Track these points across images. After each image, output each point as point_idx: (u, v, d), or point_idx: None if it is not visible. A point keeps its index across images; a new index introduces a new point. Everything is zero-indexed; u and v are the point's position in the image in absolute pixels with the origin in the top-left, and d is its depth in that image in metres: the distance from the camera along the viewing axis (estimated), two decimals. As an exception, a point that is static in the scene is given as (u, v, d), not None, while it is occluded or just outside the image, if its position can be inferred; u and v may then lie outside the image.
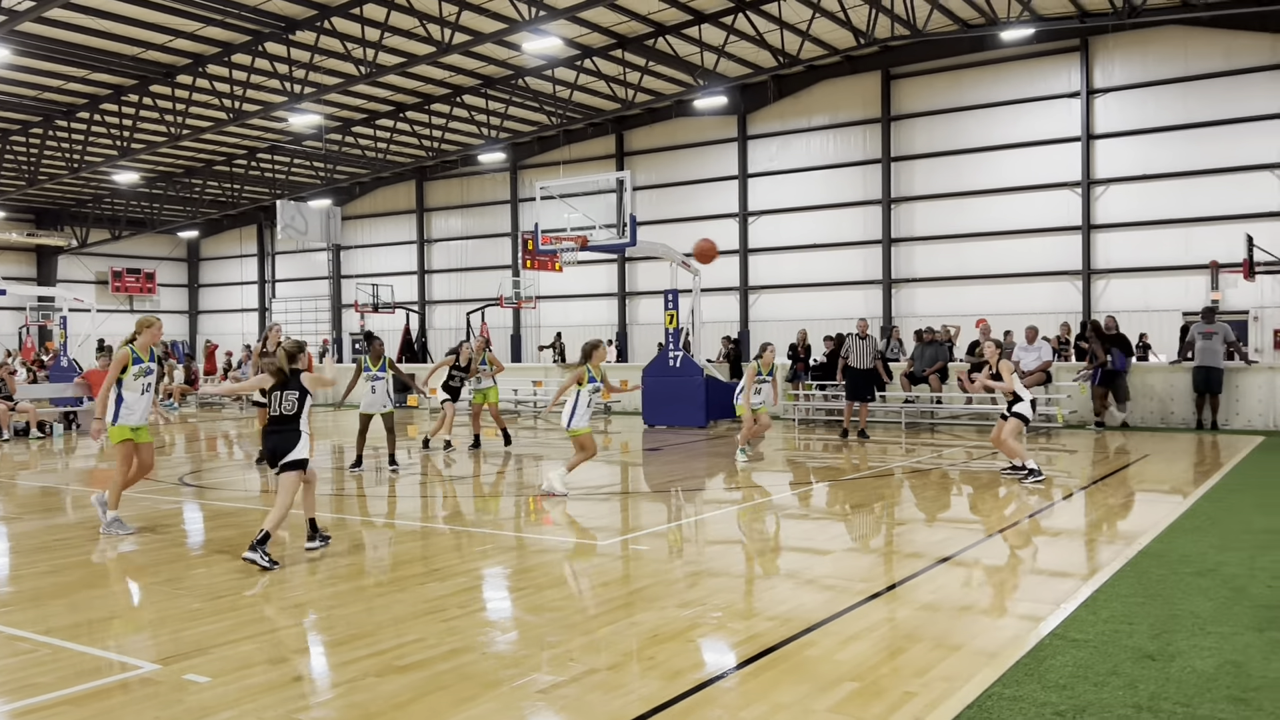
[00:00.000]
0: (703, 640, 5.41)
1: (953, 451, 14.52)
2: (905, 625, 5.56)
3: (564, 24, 23.23)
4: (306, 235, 23.27)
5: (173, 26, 22.67)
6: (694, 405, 18.74)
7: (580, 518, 9.64)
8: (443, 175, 37.96)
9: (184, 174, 37.16)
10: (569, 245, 17.45)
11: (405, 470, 12.82)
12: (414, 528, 9.24)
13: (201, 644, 5.31)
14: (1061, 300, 26.08)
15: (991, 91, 26.96)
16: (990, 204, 27.09)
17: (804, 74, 29.09)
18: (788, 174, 30.26)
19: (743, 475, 12.28)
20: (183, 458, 15.32)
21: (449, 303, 38.10)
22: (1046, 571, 6.98)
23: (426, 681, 4.71)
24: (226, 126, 27.92)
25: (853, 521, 9.27)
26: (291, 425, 7.45)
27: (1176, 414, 17.45)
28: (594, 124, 32.44)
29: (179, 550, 8.22)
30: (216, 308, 46.47)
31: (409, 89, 28.92)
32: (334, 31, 22.73)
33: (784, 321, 29.09)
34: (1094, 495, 10.39)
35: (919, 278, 28.33)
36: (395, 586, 6.61)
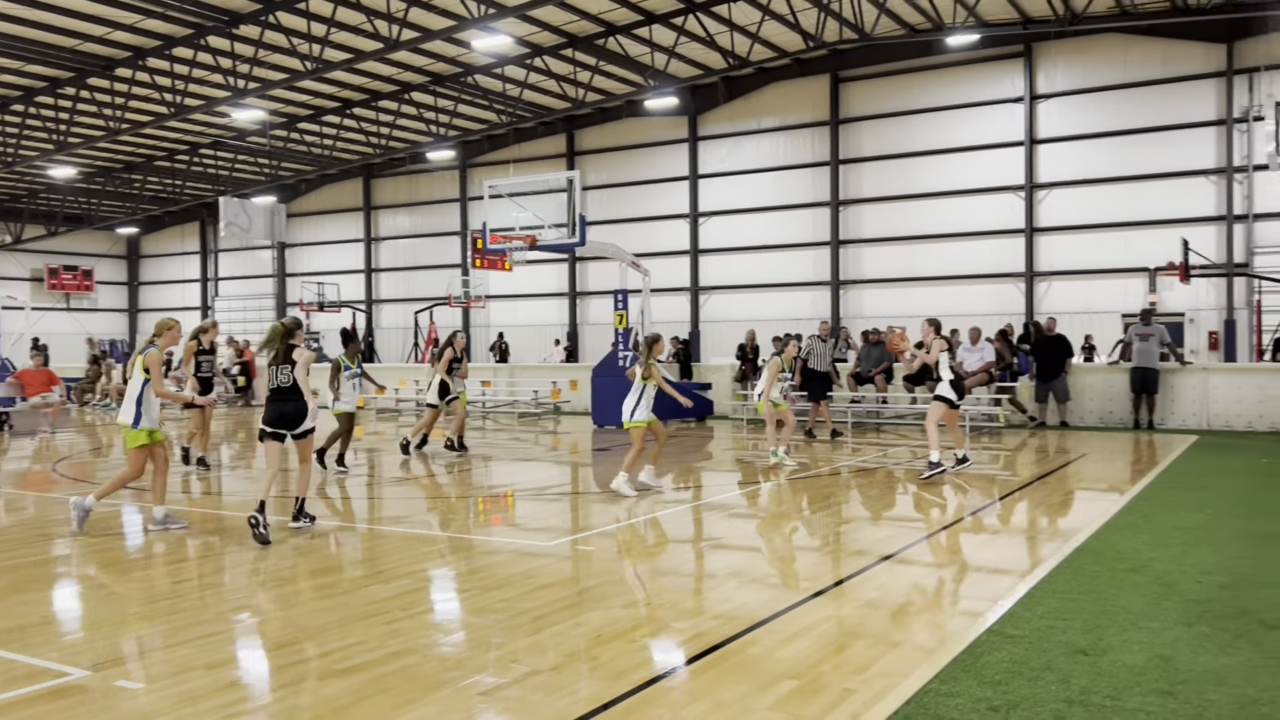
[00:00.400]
0: (647, 639, 5.42)
1: (897, 451, 14.70)
2: (847, 623, 5.62)
3: (514, 22, 23.14)
4: (250, 233, 22.92)
5: (111, 18, 22.19)
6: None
7: (528, 518, 9.61)
8: (390, 173, 37.59)
9: (123, 169, 36.36)
10: (518, 244, 17.38)
11: (352, 471, 12.67)
12: (359, 529, 9.14)
13: (137, 649, 5.21)
14: (1005, 302, 26.54)
15: (938, 96, 27.35)
16: (937, 207, 27.49)
17: (754, 76, 29.28)
18: (738, 175, 30.43)
19: (688, 476, 12.31)
20: (120, 460, 14.99)
21: (397, 302, 37.75)
22: (986, 568, 7.10)
23: (368, 684, 4.66)
24: (168, 121, 27.41)
25: (798, 520, 9.35)
26: (297, 394, 8.27)
27: (1115, 413, 17.84)
28: (544, 123, 32.35)
29: (115, 554, 8.05)
30: (157, 306, 45.52)
31: (356, 85, 28.60)
32: (279, 26, 22.40)
33: (734, 322, 29.26)
34: (1034, 493, 10.59)
35: (867, 279, 28.66)
36: (338, 589, 6.54)
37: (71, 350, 33.88)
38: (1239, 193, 24.12)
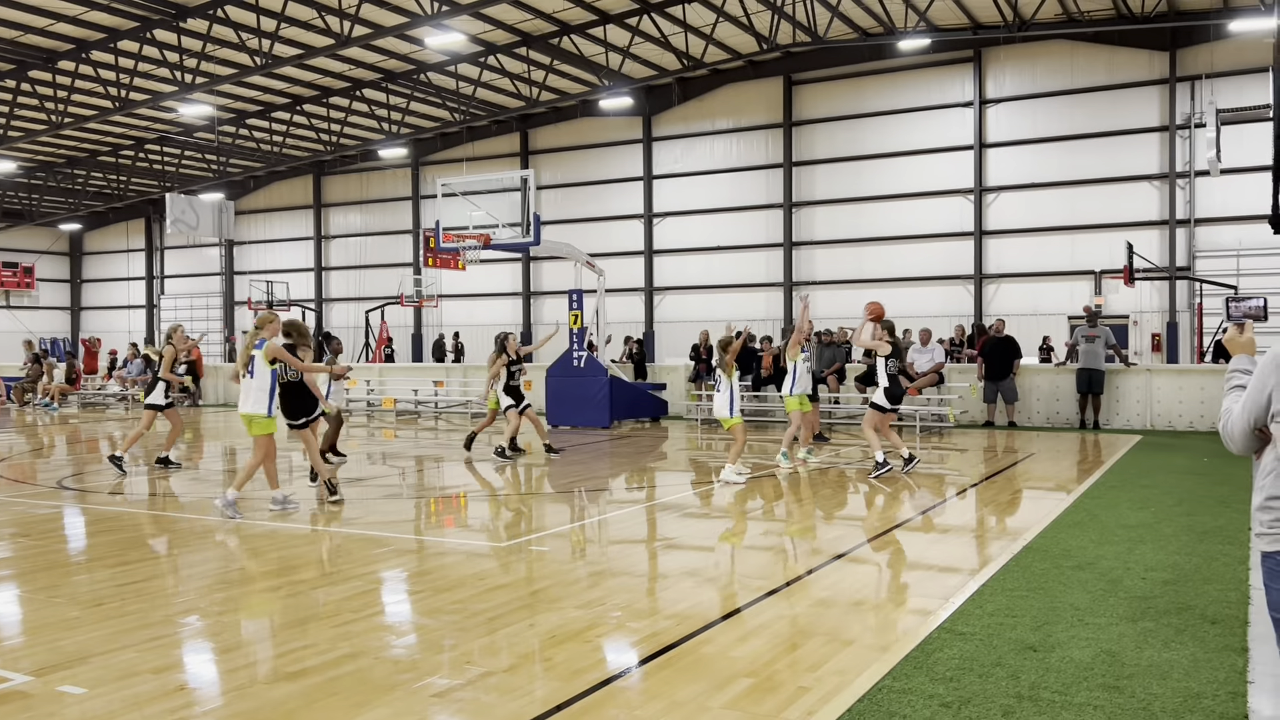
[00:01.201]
0: (602, 640, 5.40)
1: (850, 450, 14.83)
2: (800, 621, 5.66)
3: (467, 20, 22.99)
4: (197, 230, 22.54)
5: (54, 10, 21.68)
6: (598, 406, 18.74)
7: (481, 519, 9.54)
8: (341, 170, 37.16)
9: (66, 164, 35.54)
10: (472, 243, 17.27)
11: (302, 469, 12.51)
12: (308, 531, 9.02)
13: (81, 653, 5.09)
14: (955, 304, 26.90)
15: (890, 99, 27.64)
16: (888, 209, 27.79)
17: (708, 77, 29.39)
18: (692, 176, 30.51)
19: (642, 476, 12.29)
20: (63, 460, 14.66)
21: (348, 300, 37.33)
22: (936, 567, 7.19)
23: (318, 688, 4.60)
24: (112, 116, 26.85)
25: (751, 520, 9.39)
26: (303, 388, 9.62)
27: (1061, 414, 18.16)
28: (498, 121, 32.19)
29: (57, 556, 7.86)
30: (101, 304, 44.59)
31: (306, 81, 28.23)
32: (228, 20, 22.04)
33: (688, 322, 29.31)
34: (983, 492, 10.74)
35: (819, 280, 28.88)
36: (287, 591, 6.44)
37: (11, 349, 33.03)
38: (1181, 198, 24.68)
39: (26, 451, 15.63)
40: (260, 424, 9.13)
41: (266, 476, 9.49)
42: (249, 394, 9.14)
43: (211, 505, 9.62)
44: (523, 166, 31.39)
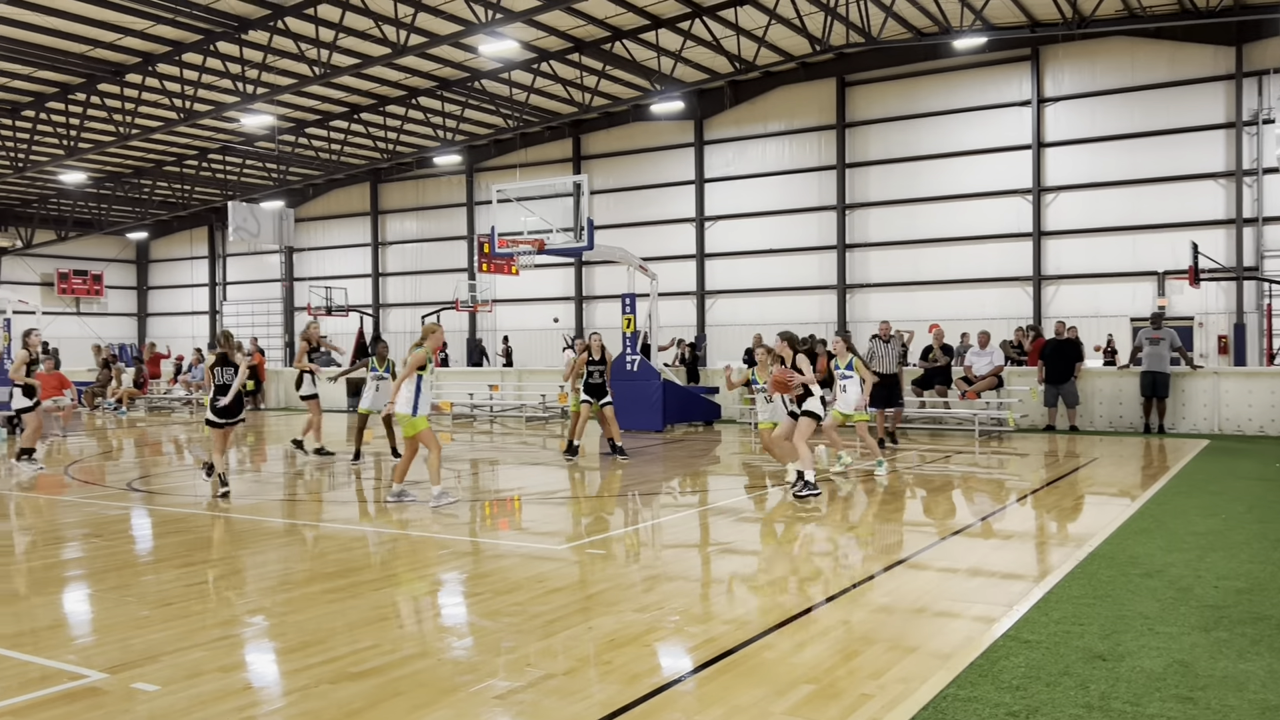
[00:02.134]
0: (660, 644, 5.40)
1: (907, 455, 14.66)
2: (861, 628, 5.60)
3: (521, 27, 23.17)
4: (258, 237, 22.98)
5: (122, 24, 22.27)
6: (652, 409, 18.75)
7: (536, 522, 9.60)
8: (398, 177, 37.65)
9: (133, 174, 36.47)
10: (526, 249, 17.38)
11: (364, 474, 12.69)
12: (369, 532, 9.14)
13: (150, 651, 5.20)
14: (1013, 305, 26.50)
15: (945, 99, 27.32)
16: (943, 210, 27.45)
17: (760, 80, 29.29)
18: (744, 179, 30.42)
19: (696, 480, 12.27)
20: (131, 463, 15.03)
21: (404, 306, 37.80)
22: (999, 573, 7.07)
23: (381, 688, 4.65)
24: (177, 126, 27.48)
25: (808, 525, 9.32)
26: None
27: (1125, 418, 17.78)
28: (551, 127, 32.38)
29: (127, 556, 8.06)
30: (166, 310, 45.67)
31: (364, 90, 28.66)
32: (287, 31, 22.46)
33: (740, 326, 29.23)
34: (1045, 498, 10.55)
35: (873, 283, 28.62)
36: (349, 592, 6.53)
37: (82, 354, 33.96)
38: (1248, 196, 24.05)
39: (97, 454, 16.03)
40: (411, 423, 9.84)
41: (398, 470, 10.21)
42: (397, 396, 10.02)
43: (272, 506, 9.80)
44: (575, 171, 31.54)
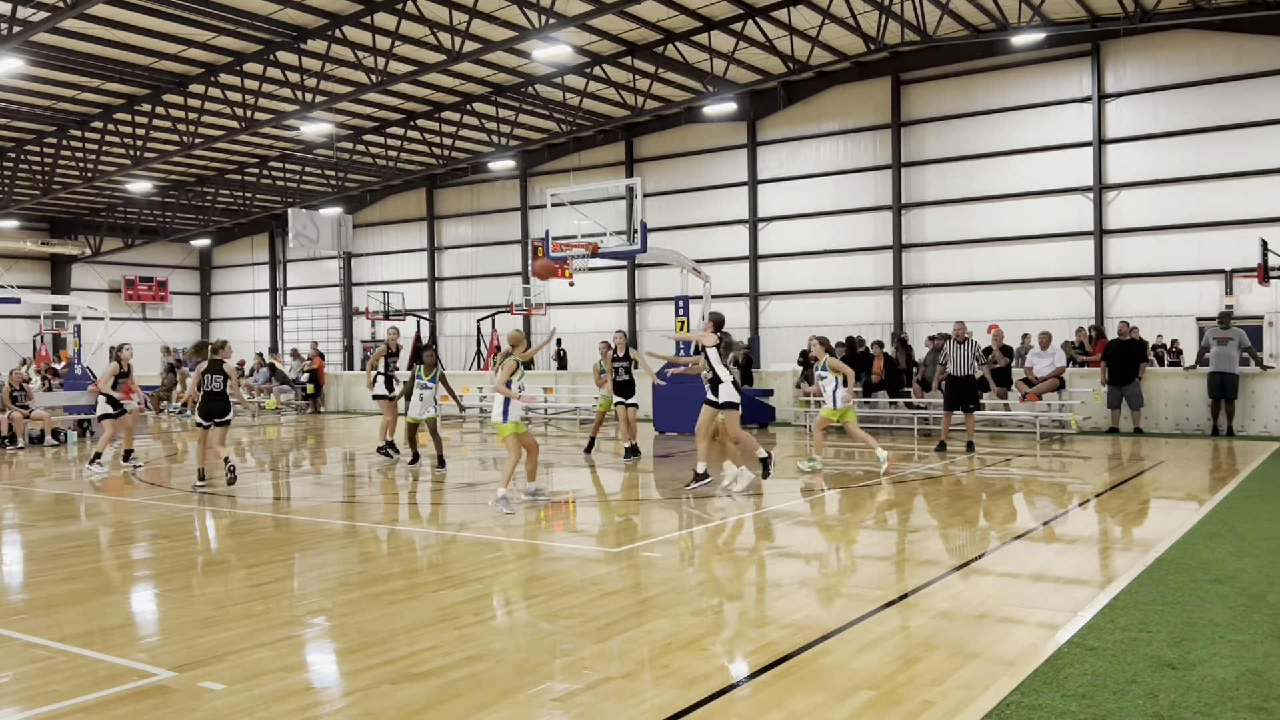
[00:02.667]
0: (716, 648, 5.38)
1: (965, 458, 14.44)
2: (921, 633, 5.53)
3: (574, 31, 23.27)
4: (318, 243, 23.39)
5: (185, 36, 22.79)
6: (705, 412, 18.67)
7: (591, 525, 9.62)
8: (453, 183, 38.05)
9: (196, 182, 37.32)
10: (579, 252, 17.44)
11: (421, 476, 12.83)
12: (428, 534, 9.23)
13: (216, 651, 5.31)
14: (1074, 305, 25.99)
15: (1002, 96, 26.91)
16: (1002, 209, 27.03)
17: (814, 80, 29.09)
18: (798, 180, 30.24)
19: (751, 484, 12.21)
20: (195, 465, 15.34)
21: (459, 310, 38.17)
22: (1063, 579, 6.93)
23: (441, 689, 4.70)
24: (238, 135, 28.05)
25: (866, 529, 9.23)
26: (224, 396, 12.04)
27: (1191, 420, 17.35)
28: (604, 131, 32.49)
29: (192, 557, 8.24)
30: (228, 315, 46.63)
31: (419, 97, 29.01)
32: (345, 40, 22.81)
33: (794, 327, 29.05)
34: (1109, 502, 10.33)
35: (930, 283, 28.27)
36: (408, 594, 6.60)
37: (148, 359, 34.81)
38: (1320, 191, 23.32)
39: (163, 456, 16.41)
40: (501, 429, 10.08)
41: (527, 468, 10.51)
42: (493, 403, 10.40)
43: (332, 508, 9.94)
44: (628, 175, 31.61)
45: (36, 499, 11.69)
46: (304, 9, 21.61)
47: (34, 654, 5.34)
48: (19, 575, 7.70)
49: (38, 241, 41.04)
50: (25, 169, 32.28)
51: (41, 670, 5.07)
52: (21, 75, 24.00)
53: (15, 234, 39.71)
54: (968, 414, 15.26)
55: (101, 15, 21.03)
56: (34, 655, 5.32)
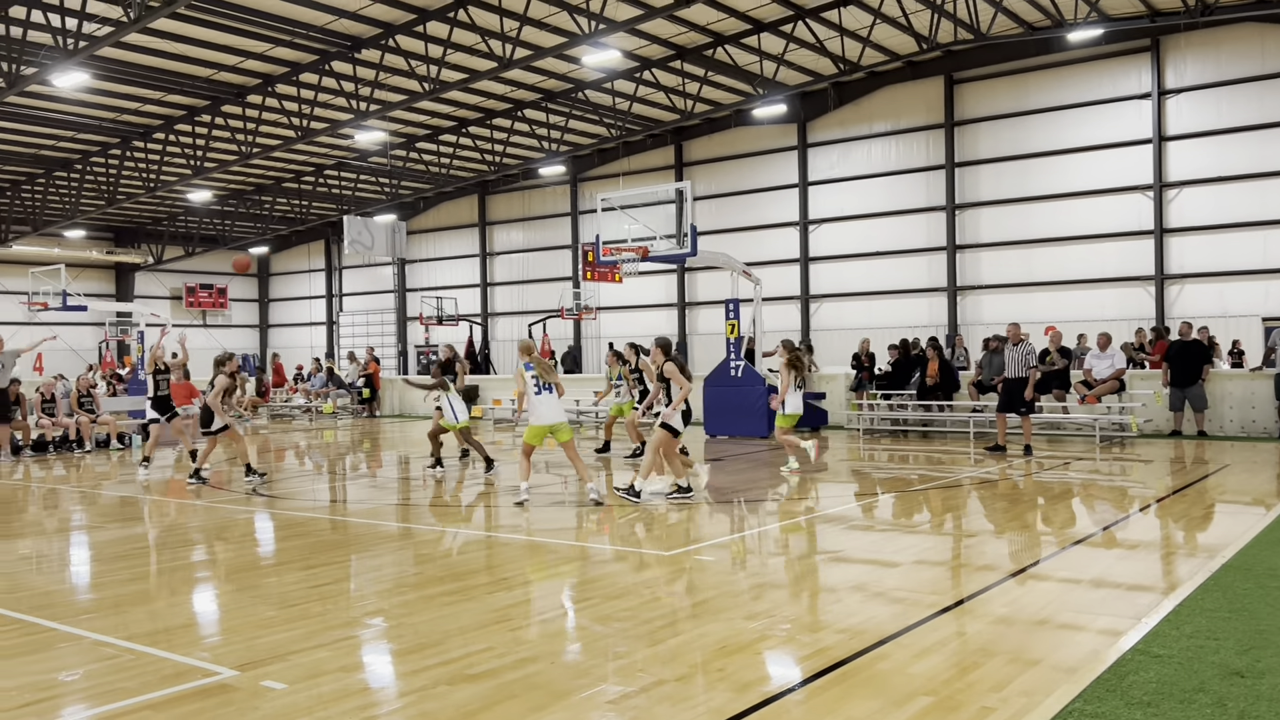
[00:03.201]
0: (771, 652, 5.35)
1: (1022, 461, 14.21)
2: (979, 639, 5.45)
3: (623, 37, 23.33)
4: (372, 250, 23.71)
5: (243, 48, 23.26)
6: (756, 415, 18.64)
7: (643, 528, 9.62)
8: (504, 189, 38.34)
9: (254, 191, 38.04)
10: (629, 256, 17.49)
11: (469, 480, 12.94)
12: (480, 536, 9.31)
13: (276, 651, 5.40)
14: (1134, 306, 25.46)
15: (1058, 94, 26.46)
16: (1058, 209, 26.57)
17: (865, 80, 28.85)
18: (849, 181, 30.00)
19: (802, 486, 12.14)
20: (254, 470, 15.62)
21: (511, 315, 38.44)
22: (1125, 585, 6.79)
23: (496, 690, 4.73)
24: (295, 144, 28.52)
25: (921, 533, 9.13)
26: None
27: (1258, 422, 16.90)
28: (653, 135, 32.52)
29: (252, 559, 8.39)
30: (286, 321, 47.43)
31: (471, 104, 29.28)
32: (398, 49, 23.11)
33: (846, 330, 28.80)
34: (1172, 506, 10.10)
35: (985, 284, 27.87)
36: (463, 595, 6.66)
37: (208, 365, 35.54)
38: (1393, 186, 22.59)
39: (223, 460, 16.74)
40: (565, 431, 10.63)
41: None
42: (552, 407, 10.53)
43: (387, 510, 10.05)
44: (677, 178, 31.61)
45: (103, 501, 11.99)
46: (358, 19, 21.93)
47: (102, 652, 5.48)
48: (87, 575, 7.91)
49: (103, 250, 42.14)
50: (91, 180, 33.15)
51: (109, 668, 5.20)
52: (87, 89, 24.65)
53: (82, 243, 40.80)
54: (1023, 417, 15.07)
55: (163, 29, 21.52)
56: (102, 653, 5.46)
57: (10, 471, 14.70)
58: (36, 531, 10.06)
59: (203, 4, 19.95)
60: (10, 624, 6.11)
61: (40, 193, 34.86)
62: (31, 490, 13.13)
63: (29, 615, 6.28)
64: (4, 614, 6.32)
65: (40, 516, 10.99)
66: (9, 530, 10.12)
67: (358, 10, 21.49)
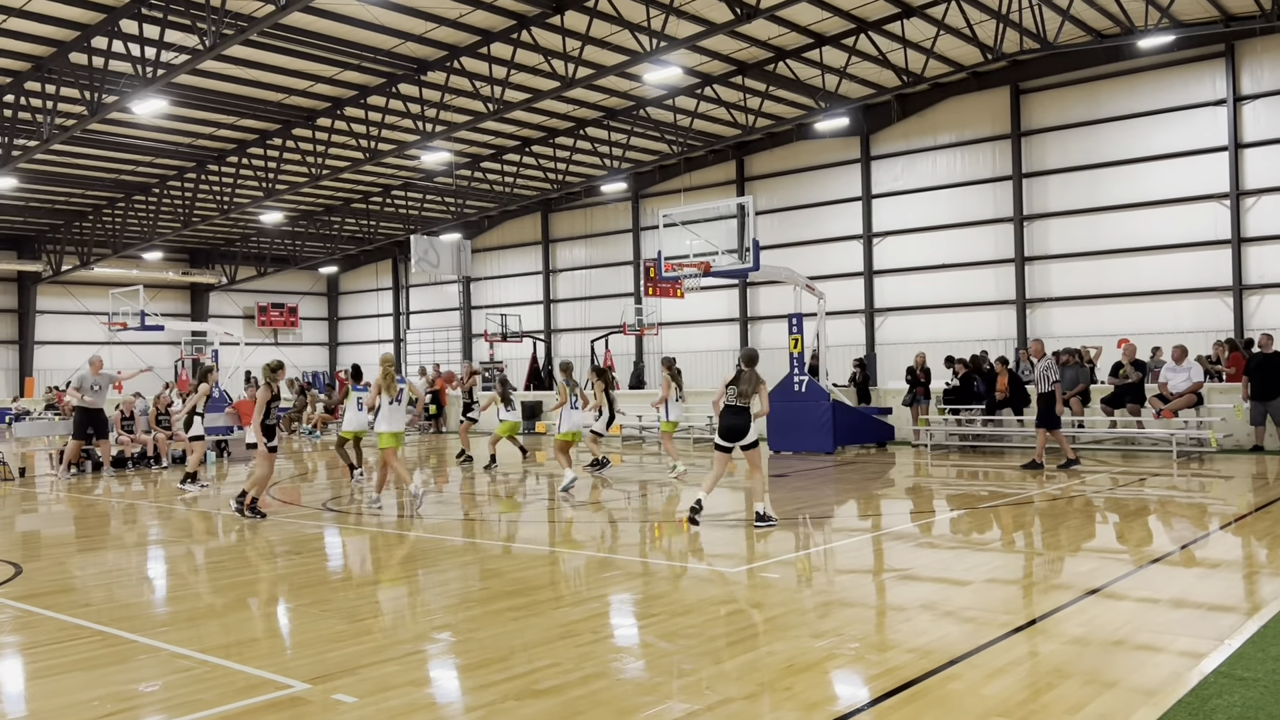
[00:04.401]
0: (839, 672, 5.29)
1: (1096, 478, 13.88)
2: (1053, 660, 5.32)
3: (684, 53, 23.42)
4: (438, 268, 24.04)
5: (313, 72, 23.84)
6: (821, 431, 18.48)
7: (708, 545, 9.58)
8: (567, 206, 38.66)
9: (324, 212, 38.91)
10: (691, 272, 17.49)
11: (532, 494, 13.02)
12: (545, 552, 9.35)
13: (346, 665, 5.48)
14: (1211, 317, 24.73)
15: (1128, 102, 25.90)
16: (1130, 219, 25.97)
17: (928, 92, 28.57)
18: (913, 194, 29.69)
19: (871, 504, 11.99)
20: (324, 484, 15.93)
21: (573, 331, 38.68)
22: (1206, 605, 6.58)
23: (562, 707, 4.74)
24: (363, 165, 29.12)
25: (992, 551, 8.95)
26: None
27: (1345, 437, 16.28)
28: (714, 150, 32.55)
29: (322, 573, 8.53)
30: (355, 339, 48.33)
31: (534, 124, 29.61)
32: (463, 71, 23.49)
33: (912, 344, 28.44)
34: (1254, 524, 9.77)
35: (1055, 297, 27.33)
36: (528, 610, 6.70)
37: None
38: None
39: (294, 476, 17.08)
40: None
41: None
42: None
43: (453, 525, 10.15)
44: (739, 193, 31.57)
45: (178, 516, 12.31)
46: (424, 42, 22.35)
47: (179, 664, 5.61)
48: (164, 589, 8.11)
49: (179, 271, 43.42)
50: (168, 203, 34.22)
51: (186, 680, 5.33)
52: (164, 115, 25.47)
53: (159, 265, 42.07)
54: (1053, 432, 15.04)
55: (236, 55, 22.17)
56: (179, 665, 5.59)
57: (92, 487, 15.17)
58: (117, 546, 10.36)
59: (274, 31, 20.52)
60: (93, 635, 6.30)
61: (120, 216, 36.08)
62: (112, 505, 13.53)
63: (110, 627, 6.47)
64: (87, 625, 6.51)
65: (120, 531, 11.32)
66: (92, 544, 10.45)
67: (423, 34, 21.91)
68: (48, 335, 41.15)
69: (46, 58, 21.68)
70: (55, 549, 10.16)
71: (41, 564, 9.06)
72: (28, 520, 12.38)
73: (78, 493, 14.63)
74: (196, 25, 18.72)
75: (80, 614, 6.84)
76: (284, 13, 17.46)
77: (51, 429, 21.78)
